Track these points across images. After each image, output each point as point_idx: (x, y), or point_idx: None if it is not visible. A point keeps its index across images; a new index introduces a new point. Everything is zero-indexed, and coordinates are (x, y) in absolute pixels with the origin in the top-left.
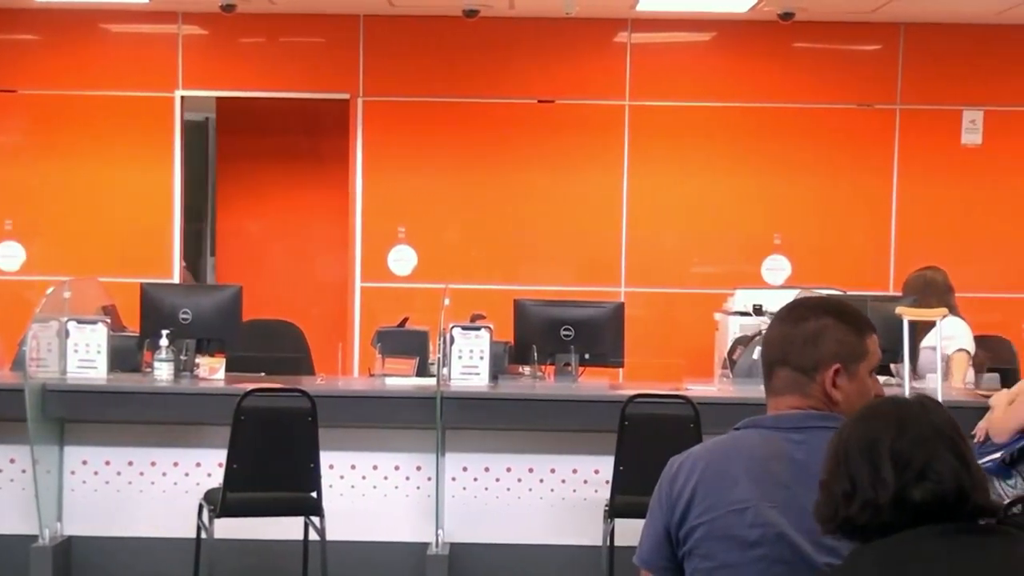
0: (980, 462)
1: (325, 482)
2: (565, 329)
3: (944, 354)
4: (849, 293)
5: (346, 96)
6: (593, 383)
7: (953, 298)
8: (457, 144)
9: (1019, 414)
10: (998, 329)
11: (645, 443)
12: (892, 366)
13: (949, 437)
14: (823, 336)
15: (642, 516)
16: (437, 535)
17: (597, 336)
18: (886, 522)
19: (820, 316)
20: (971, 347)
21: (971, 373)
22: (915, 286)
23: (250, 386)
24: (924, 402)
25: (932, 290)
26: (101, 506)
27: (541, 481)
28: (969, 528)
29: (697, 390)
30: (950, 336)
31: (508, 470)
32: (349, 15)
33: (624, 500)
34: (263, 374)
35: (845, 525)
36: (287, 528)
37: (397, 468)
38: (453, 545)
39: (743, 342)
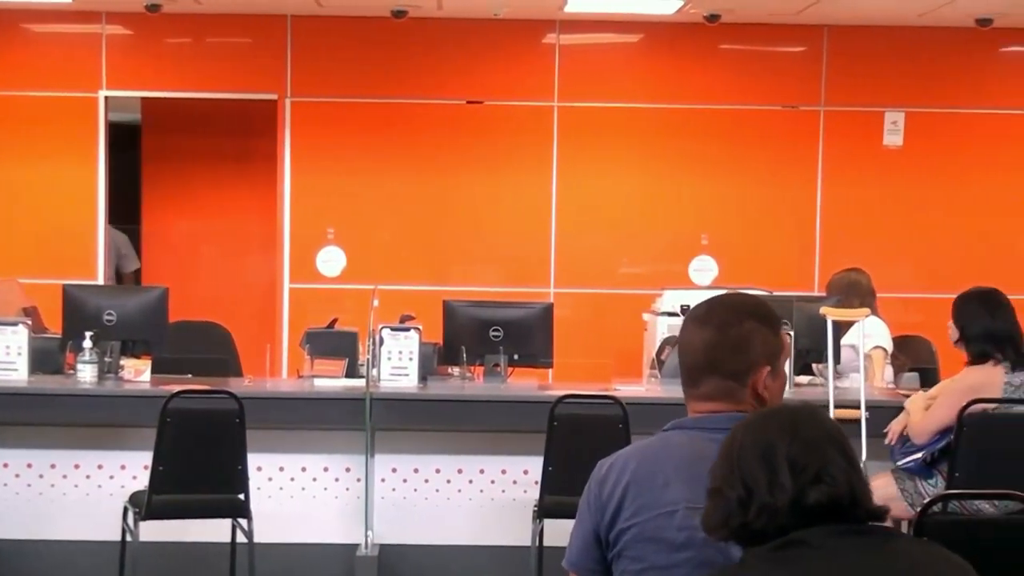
0: (902, 463)
1: (253, 484)
2: (494, 330)
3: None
4: (775, 293)
5: (274, 96)
6: (522, 384)
7: (875, 301)
8: (386, 145)
9: (939, 416)
10: (919, 329)
11: (574, 443)
12: (815, 366)
13: (839, 441)
14: (751, 341)
15: (571, 516)
16: (366, 536)
17: (526, 337)
18: (782, 525)
19: (742, 320)
20: (888, 345)
21: (890, 372)
22: (839, 287)
23: (176, 388)
24: (812, 407)
25: (855, 291)
26: (23, 509)
27: (470, 482)
28: (861, 529)
29: (626, 390)
30: (868, 334)
31: (437, 471)
32: (276, 15)
33: (553, 500)
34: (190, 376)
35: (740, 531)
36: (214, 531)
37: (326, 470)
38: (383, 546)
39: (671, 342)
